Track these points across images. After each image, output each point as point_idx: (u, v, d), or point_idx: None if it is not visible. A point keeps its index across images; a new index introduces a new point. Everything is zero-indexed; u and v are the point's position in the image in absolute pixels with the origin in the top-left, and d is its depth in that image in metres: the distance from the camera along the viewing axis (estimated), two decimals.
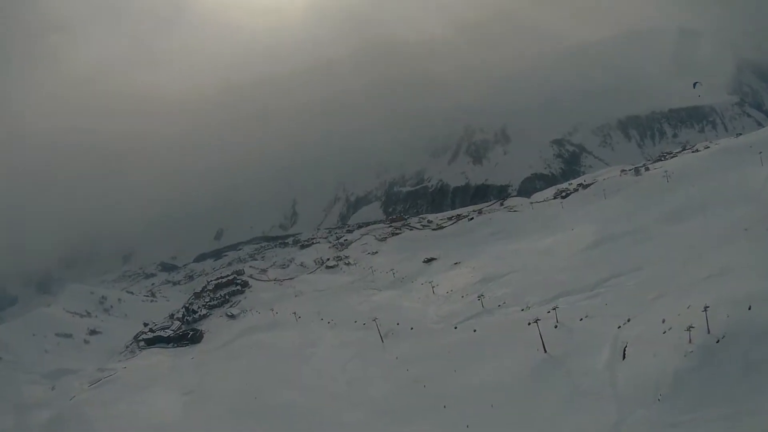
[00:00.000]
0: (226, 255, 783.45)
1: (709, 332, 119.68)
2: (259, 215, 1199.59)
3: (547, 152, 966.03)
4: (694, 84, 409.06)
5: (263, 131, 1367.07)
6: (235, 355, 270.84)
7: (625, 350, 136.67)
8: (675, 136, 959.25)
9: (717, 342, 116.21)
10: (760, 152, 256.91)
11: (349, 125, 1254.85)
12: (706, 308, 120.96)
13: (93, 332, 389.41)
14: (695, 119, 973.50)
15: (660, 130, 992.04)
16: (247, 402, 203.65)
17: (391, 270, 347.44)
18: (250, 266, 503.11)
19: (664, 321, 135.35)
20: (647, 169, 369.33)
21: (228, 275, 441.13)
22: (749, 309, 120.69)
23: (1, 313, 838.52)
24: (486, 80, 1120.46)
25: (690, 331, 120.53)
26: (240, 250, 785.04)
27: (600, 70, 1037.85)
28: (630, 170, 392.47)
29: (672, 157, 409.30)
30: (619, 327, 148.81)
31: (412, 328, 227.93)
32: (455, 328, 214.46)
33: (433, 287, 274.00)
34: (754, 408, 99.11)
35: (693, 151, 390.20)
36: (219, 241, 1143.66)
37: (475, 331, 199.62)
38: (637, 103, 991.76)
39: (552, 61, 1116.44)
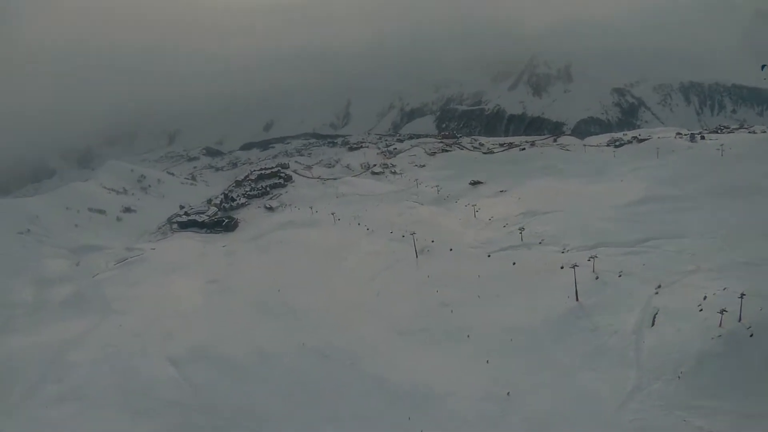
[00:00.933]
0: (272, 147, 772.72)
1: (740, 320, 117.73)
2: (311, 111, 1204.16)
3: (606, 99, 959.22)
4: (763, 66, 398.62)
5: (324, 30, 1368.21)
6: (266, 249, 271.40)
7: (655, 317, 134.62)
8: (734, 111, 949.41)
9: (750, 335, 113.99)
10: None
11: (414, 34, 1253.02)
12: (742, 296, 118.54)
13: (127, 210, 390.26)
14: (756, 100, 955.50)
15: (720, 102, 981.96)
16: (268, 299, 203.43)
17: (436, 186, 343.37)
18: (296, 161, 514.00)
19: (705, 298, 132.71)
20: (703, 137, 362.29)
21: (272, 167, 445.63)
22: None
23: (38, 185, 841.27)
24: (560, 17, 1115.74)
25: (723, 314, 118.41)
26: (288, 143, 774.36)
27: (672, 31, 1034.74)
28: (686, 135, 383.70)
29: (729, 132, 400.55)
30: (656, 293, 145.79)
31: (451, 249, 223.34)
32: (489, 256, 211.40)
33: (475, 211, 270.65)
34: None
35: (750, 131, 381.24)
36: (267, 132, 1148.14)
37: (514, 263, 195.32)
38: (701, 71, 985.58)
39: (627, 12, 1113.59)
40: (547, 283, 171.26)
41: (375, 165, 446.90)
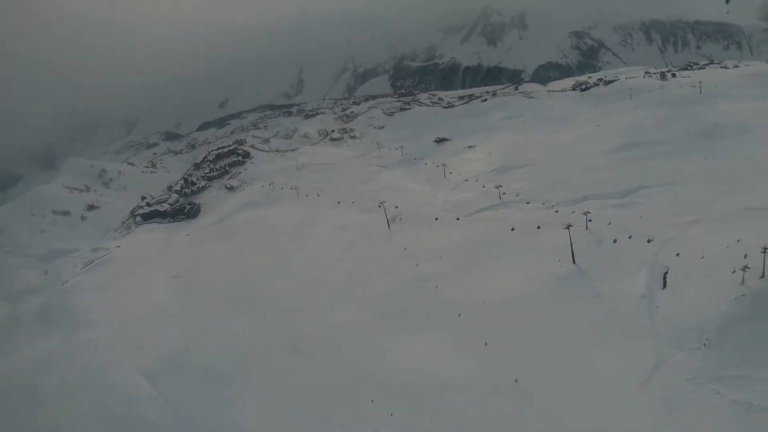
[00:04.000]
0: (229, 123, 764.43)
1: (763, 275, 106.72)
2: (265, 82, 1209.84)
3: (564, 42, 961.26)
4: (727, 0, 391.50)
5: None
6: (229, 234, 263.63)
7: (666, 277, 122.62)
8: (698, 47, 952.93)
9: None
10: None
11: None
12: (765, 250, 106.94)
13: (91, 207, 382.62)
14: (721, 36, 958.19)
15: (684, 39, 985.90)
16: (235, 291, 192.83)
17: (400, 147, 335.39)
18: (253, 136, 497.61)
19: (728, 246, 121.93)
20: (673, 75, 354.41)
21: (229, 145, 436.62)
22: None
23: (4, 195, 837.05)
24: None
25: (745, 271, 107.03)
26: (243, 118, 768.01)
27: None
28: (655, 73, 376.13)
29: (699, 68, 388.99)
30: (677, 255, 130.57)
31: (436, 219, 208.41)
32: (457, 219, 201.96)
33: (445, 170, 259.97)
34: None
35: (722, 67, 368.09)
36: (224, 110, 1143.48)
37: (513, 229, 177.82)
38: (662, 8, 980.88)
39: None
40: (535, 245, 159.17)
41: (333, 131, 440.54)
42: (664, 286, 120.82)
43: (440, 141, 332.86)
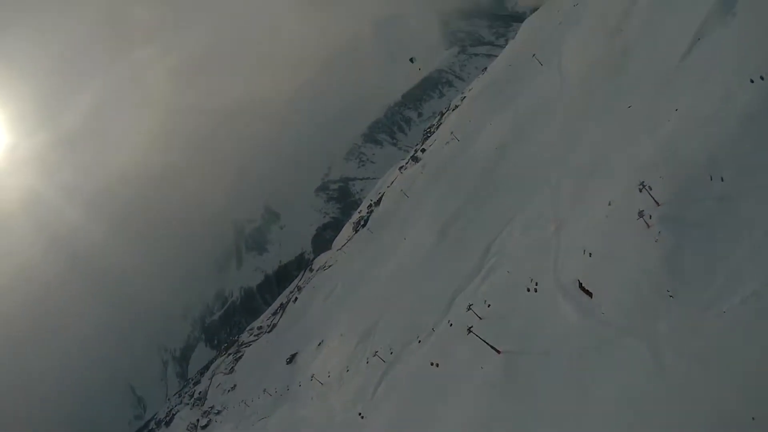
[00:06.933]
0: None
1: (658, 204, 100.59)
2: (112, 425, 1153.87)
3: (318, 203, 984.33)
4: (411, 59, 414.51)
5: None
6: None
7: (583, 288, 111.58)
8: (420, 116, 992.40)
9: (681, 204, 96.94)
10: None
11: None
12: (642, 185, 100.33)
13: None
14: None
15: (406, 119, 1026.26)
16: None
17: (264, 390, 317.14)
18: None
19: (615, 220, 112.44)
20: (422, 151, 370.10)
21: None
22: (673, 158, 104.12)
23: None
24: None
25: (642, 217, 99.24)
26: None
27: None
28: (406, 162, 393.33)
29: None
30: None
31: None
32: (360, 416, 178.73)
33: (318, 380, 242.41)
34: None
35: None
36: None
37: (396, 397, 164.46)
38: (371, 112, 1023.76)
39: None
40: (460, 363, 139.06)
41: (198, 420, 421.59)
42: (591, 295, 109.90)
43: (291, 359, 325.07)
